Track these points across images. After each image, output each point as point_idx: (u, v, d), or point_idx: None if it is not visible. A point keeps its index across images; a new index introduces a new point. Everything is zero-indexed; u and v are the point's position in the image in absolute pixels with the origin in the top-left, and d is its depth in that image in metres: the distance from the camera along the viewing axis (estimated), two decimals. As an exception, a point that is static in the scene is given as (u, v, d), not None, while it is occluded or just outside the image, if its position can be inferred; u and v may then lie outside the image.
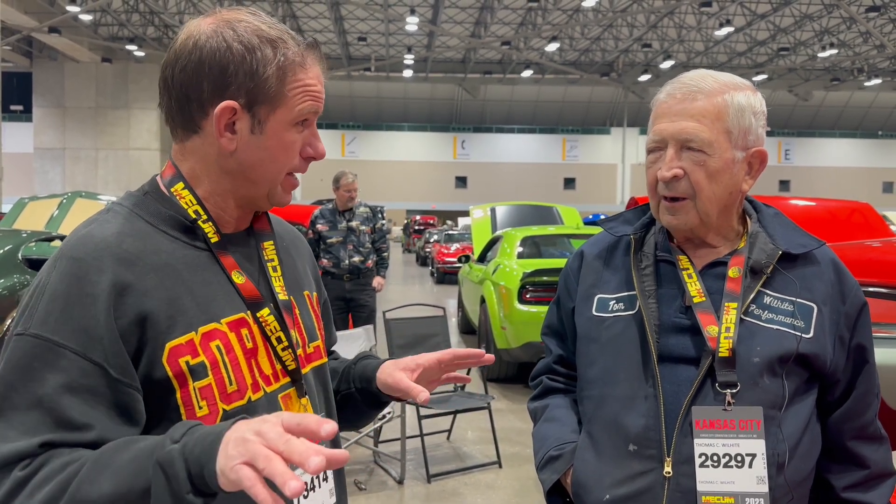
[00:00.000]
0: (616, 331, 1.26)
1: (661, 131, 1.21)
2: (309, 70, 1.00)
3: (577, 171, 45.10)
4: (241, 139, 0.97)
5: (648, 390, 1.20)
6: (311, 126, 1.03)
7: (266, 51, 0.96)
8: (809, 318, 1.20)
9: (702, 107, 1.18)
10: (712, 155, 1.18)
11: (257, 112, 0.97)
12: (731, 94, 1.20)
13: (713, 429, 1.16)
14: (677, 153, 1.20)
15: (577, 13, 29.75)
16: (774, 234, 1.25)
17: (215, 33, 0.96)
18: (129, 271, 0.91)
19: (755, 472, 1.15)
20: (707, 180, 1.19)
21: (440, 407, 4.46)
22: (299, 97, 0.99)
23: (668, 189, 1.21)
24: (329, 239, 5.58)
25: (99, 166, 29.98)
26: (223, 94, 0.95)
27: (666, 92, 1.23)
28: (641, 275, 1.27)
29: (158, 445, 0.80)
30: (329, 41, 35.58)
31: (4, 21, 22.05)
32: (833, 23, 30.48)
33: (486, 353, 1.14)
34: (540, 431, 1.41)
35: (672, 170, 1.19)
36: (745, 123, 1.20)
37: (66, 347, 0.85)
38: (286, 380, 1.03)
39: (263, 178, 1.00)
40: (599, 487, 1.23)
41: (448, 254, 18.10)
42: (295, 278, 1.12)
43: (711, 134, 1.18)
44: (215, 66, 0.95)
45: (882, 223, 4.68)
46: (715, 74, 1.23)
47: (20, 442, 0.82)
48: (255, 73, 0.96)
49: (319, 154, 1.05)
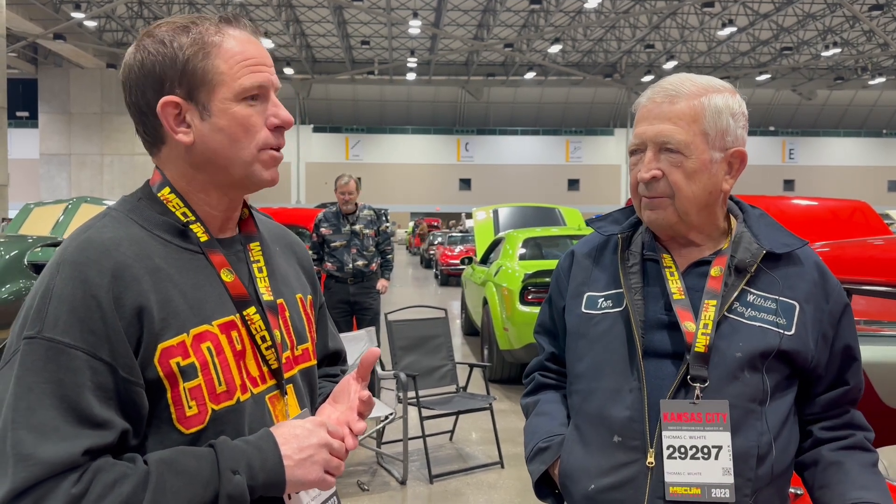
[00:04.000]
0: (604, 327, 1.30)
1: (641, 134, 1.25)
2: (231, 38, 1.00)
3: (580, 172, 45.05)
4: (196, 129, 1.00)
5: (633, 384, 1.24)
6: (268, 97, 1.03)
7: (180, 38, 0.99)
8: (791, 315, 1.23)
9: (679, 109, 1.22)
10: (689, 156, 1.22)
11: (198, 97, 0.99)
12: (708, 97, 1.23)
13: (680, 421, 1.20)
14: (655, 155, 1.23)
15: (579, 14, 29.76)
16: (759, 234, 1.28)
17: (136, 48, 1.01)
18: (126, 273, 0.93)
19: (721, 464, 1.18)
20: (685, 180, 1.22)
21: (442, 408, 4.48)
22: (236, 72, 0.99)
23: (647, 190, 1.25)
24: (333, 242, 5.59)
25: (104, 172, 30.09)
26: (161, 93, 0.99)
27: (647, 96, 1.27)
28: (628, 273, 1.30)
29: (225, 480, 0.91)
30: (332, 45, 35.69)
31: (10, 28, 22.14)
32: (836, 21, 30.41)
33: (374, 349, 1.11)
34: (531, 425, 1.45)
35: (650, 171, 1.23)
36: (722, 125, 1.23)
37: (77, 348, 0.88)
38: (272, 382, 1.05)
39: (232, 160, 1.01)
40: (585, 477, 1.27)
41: (452, 256, 18.12)
42: (285, 281, 1.14)
43: (687, 135, 1.21)
44: (147, 73, 0.99)
45: (881, 222, 4.69)
46: (694, 78, 1.26)
47: (60, 448, 0.84)
48: (177, 61, 0.98)
49: (285, 121, 1.03)
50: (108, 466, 0.87)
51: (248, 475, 0.92)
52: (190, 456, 0.91)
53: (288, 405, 1.07)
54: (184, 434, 0.94)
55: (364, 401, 1.07)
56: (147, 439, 0.94)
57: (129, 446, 0.92)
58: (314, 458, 0.97)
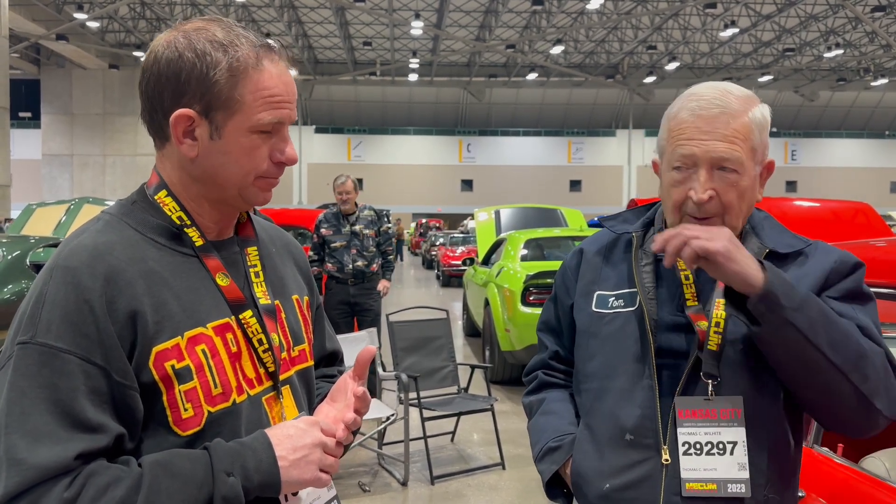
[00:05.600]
0: (616, 326, 1.30)
1: (693, 153, 1.19)
2: (265, 72, 0.99)
3: (582, 173, 45.02)
4: (202, 145, 0.99)
5: (645, 382, 1.24)
6: (280, 131, 1.02)
7: (217, 55, 0.97)
8: None
9: (733, 128, 1.18)
10: (743, 174, 1.20)
11: (214, 118, 0.98)
12: (752, 112, 1.21)
13: (695, 418, 1.20)
14: (710, 174, 1.20)
15: (581, 16, 29.76)
16: (762, 235, 1.29)
17: (169, 44, 0.98)
18: (119, 278, 0.93)
19: (736, 459, 1.19)
20: (738, 199, 1.21)
21: (444, 409, 4.48)
22: (258, 106, 0.98)
23: (699, 211, 1.21)
24: (333, 243, 5.59)
25: (106, 172, 30.16)
26: (180, 101, 0.97)
27: (689, 110, 1.21)
28: (642, 272, 1.30)
29: (219, 482, 0.90)
30: (335, 46, 35.71)
31: (12, 29, 22.20)
32: (839, 23, 30.38)
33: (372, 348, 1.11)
34: (537, 424, 1.44)
35: (707, 192, 1.19)
36: (764, 140, 1.23)
37: (70, 353, 0.88)
38: (269, 383, 1.05)
39: (228, 182, 1.01)
40: (599, 477, 1.27)
41: (453, 257, 18.12)
42: (281, 283, 1.14)
43: (743, 154, 1.19)
44: (171, 75, 0.97)
45: (883, 223, 4.68)
46: (733, 90, 1.22)
47: (53, 452, 0.84)
48: (206, 79, 0.96)
49: (290, 159, 1.03)
50: (102, 470, 0.87)
51: (243, 476, 0.92)
52: (184, 458, 0.91)
53: (285, 407, 1.07)
54: (180, 436, 0.94)
55: (359, 397, 1.06)
56: (144, 442, 0.94)
57: (124, 450, 0.92)
58: (309, 458, 0.98)
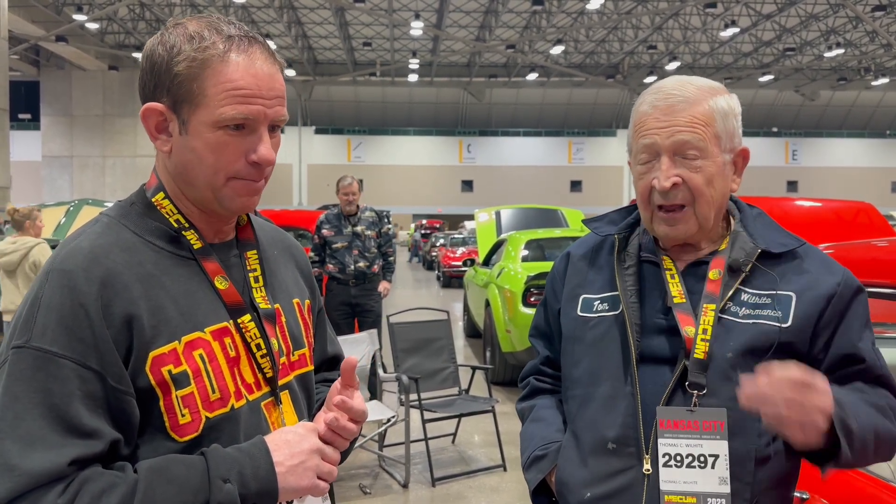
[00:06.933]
0: (600, 331, 1.28)
1: (654, 142, 1.21)
2: (230, 64, 0.94)
3: (583, 173, 45.02)
4: (174, 141, 0.98)
5: (628, 389, 1.22)
6: (255, 130, 0.97)
7: (183, 47, 0.95)
8: (788, 307, 1.20)
9: (691, 114, 1.20)
10: (707, 159, 1.20)
11: (181, 111, 0.96)
12: (713, 100, 1.21)
13: (677, 429, 1.17)
14: (672, 161, 1.20)
15: (581, 16, 29.74)
16: (755, 234, 1.26)
17: (152, 40, 0.98)
18: (116, 281, 0.92)
19: (717, 473, 1.16)
20: (706, 185, 1.20)
21: (445, 410, 4.47)
22: (221, 99, 0.94)
23: (665, 198, 1.21)
24: (334, 244, 5.58)
25: (106, 174, 30.16)
26: (154, 95, 0.97)
27: (648, 103, 1.23)
28: (624, 275, 1.28)
29: (215, 489, 0.88)
30: (334, 47, 35.72)
31: (12, 30, 22.20)
32: (839, 22, 30.36)
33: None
34: (526, 431, 1.42)
35: (670, 178, 1.19)
36: (730, 126, 1.22)
37: (65, 357, 0.87)
38: (268, 388, 1.04)
39: (197, 180, 0.98)
40: (582, 486, 1.25)
41: (454, 258, 18.11)
42: (282, 286, 1.12)
43: (705, 140, 1.19)
44: (147, 69, 0.98)
45: (885, 223, 4.66)
46: (692, 80, 1.24)
47: (46, 458, 0.83)
48: (171, 70, 0.95)
49: (262, 159, 0.97)
50: (97, 476, 0.85)
51: (240, 483, 0.91)
52: (180, 464, 0.89)
53: (284, 413, 1.06)
54: (178, 442, 0.93)
55: (347, 409, 1.02)
56: (141, 448, 0.92)
57: (121, 455, 0.90)
58: (306, 465, 0.96)
